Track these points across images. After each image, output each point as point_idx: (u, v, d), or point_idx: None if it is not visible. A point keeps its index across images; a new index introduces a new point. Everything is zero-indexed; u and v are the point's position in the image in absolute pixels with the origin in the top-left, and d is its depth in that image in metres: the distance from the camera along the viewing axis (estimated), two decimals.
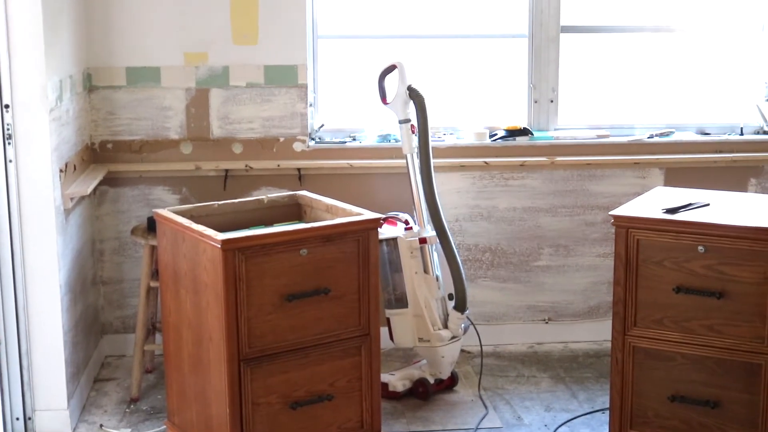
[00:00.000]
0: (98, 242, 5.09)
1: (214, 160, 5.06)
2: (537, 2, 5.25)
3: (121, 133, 5.02)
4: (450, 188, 5.16)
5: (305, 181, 5.06)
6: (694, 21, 5.44)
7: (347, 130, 5.26)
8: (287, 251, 3.65)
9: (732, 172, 5.30)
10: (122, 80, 4.98)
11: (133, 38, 4.95)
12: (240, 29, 4.99)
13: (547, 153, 5.22)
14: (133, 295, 5.08)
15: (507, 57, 5.40)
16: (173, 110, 5.03)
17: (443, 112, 5.22)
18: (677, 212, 3.84)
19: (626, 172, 5.28)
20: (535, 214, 5.28)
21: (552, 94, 5.33)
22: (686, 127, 5.45)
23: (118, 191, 5.07)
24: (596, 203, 5.27)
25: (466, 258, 5.24)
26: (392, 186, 5.04)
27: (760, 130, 5.44)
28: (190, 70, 5.00)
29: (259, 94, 5.05)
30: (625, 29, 5.44)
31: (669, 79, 5.50)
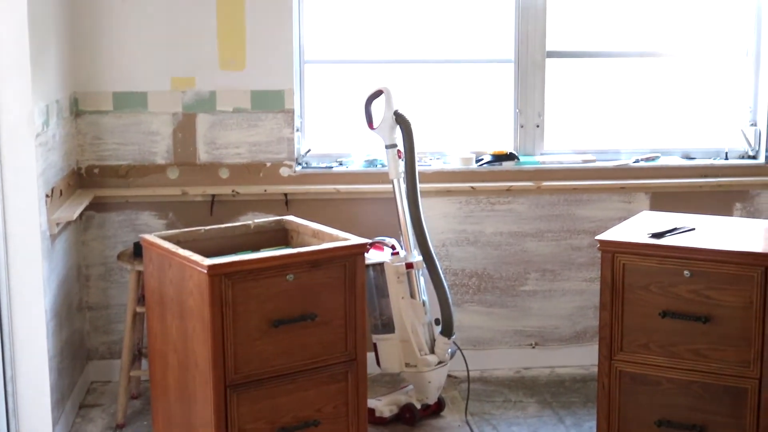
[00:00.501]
0: (84, 267, 5.07)
1: (201, 185, 5.06)
2: (522, 27, 5.28)
3: (107, 158, 5.02)
4: (436, 213, 5.17)
5: (292, 206, 5.05)
6: (678, 46, 5.47)
7: (334, 155, 5.27)
8: (274, 276, 3.64)
9: (717, 197, 5.32)
10: (109, 105, 4.98)
11: (120, 63, 4.96)
12: (227, 54, 5.00)
13: (533, 178, 5.24)
14: (119, 320, 5.07)
15: (493, 82, 5.42)
16: (160, 135, 5.03)
17: (430, 137, 5.23)
18: (663, 237, 3.85)
19: (612, 196, 5.30)
20: (522, 239, 5.29)
21: (538, 119, 5.35)
22: (671, 152, 5.47)
23: (105, 216, 5.06)
24: (582, 228, 5.28)
25: (453, 283, 5.24)
26: (379, 211, 5.04)
27: (745, 155, 5.46)
28: (177, 95, 5.01)
29: (246, 119, 5.06)
30: (611, 54, 5.47)
31: (654, 103, 5.53)
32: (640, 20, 5.46)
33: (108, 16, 4.92)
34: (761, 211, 5.35)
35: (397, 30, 5.33)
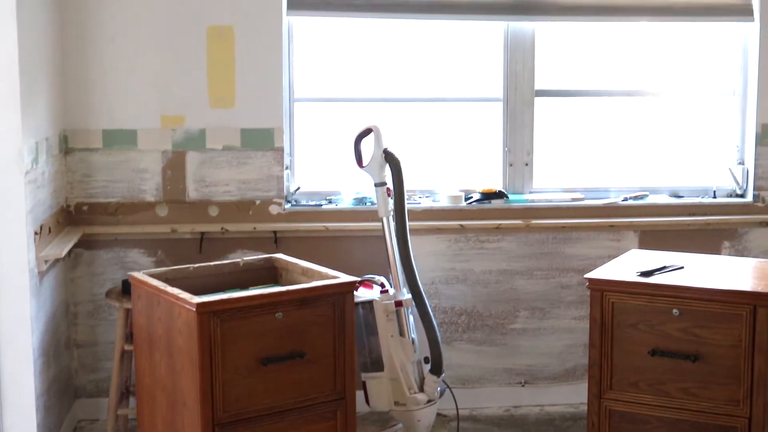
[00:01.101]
0: (72, 305, 5.06)
1: (190, 223, 5.05)
2: (511, 66, 5.31)
3: (96, 196, 5.02)
4: (426, 251, 5.17)
5: (281, 243, 5.05)
6: (666, 85, 5.51)
7: (323, 192, 5.28)
8: (263, 314, 3.64)
9: (706, 235, 5.34)
10: (99, 143, 4.99)
11: (110, 101, 4.97)
12: (217, 92, 5.01)
13: (522, 216, 5.25)
14: (107, 358, 5.04)
15: (482, 120, 5.44)
16: (149, 173, 5.03)
17: (419, 175, 5.24)
18: (652, 275, 3.86)
19: (601, 234, 5.31)
20: (511, 277, 5.29)
21: (527, 158, 5.37)
22: (660, 190, 5.49)
23: (93, 254, 5.05)
24: (571, 266, 5.29)
25: (442, 321, 5.23)
26: (368, 249, 5.04)
27: (733, 193, 5.49)
28: (166, 132, 5.02)
29: (236, 157, 5.06)
30: (599, 93, 5.50)
31: (642, 142, 5.55)
32: (628, 59, 5.50)
33: (98, 54, 4.93)
34: (749, 250, 5.36)
35: (387, 68, 5.35)
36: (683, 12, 5.31)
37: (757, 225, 5.39)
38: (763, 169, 5.39)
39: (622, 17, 5.30)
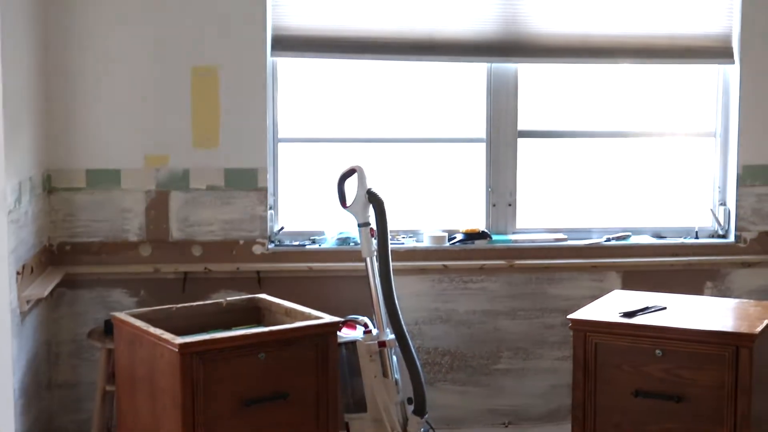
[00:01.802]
0: (54, 345, 5.02)
1: (173, 263, 5.04)
2: (494, 107, 5.34)
3: (79, 235, 5.01)
4: (409, 291, 5.17)
5: (264, 284, 5.04)
6: (648, 127, 5.54)
7: (307, 232, 5.28)
8: (245, 355, 3.63)
9: (688, 276, 5.36)
10: (82, 182, 4.98)
11: (93, 140, 4.97)
12: (201, 133, 5.02)
13: (505, 256, 5.26)
14: (89, 399, 5.00)
15: (466, 160, 5.46)
16: (133, 212, 5.03)
17: (403, 216, 5.25)
18: (634, 316, 3.86)
19: (584, 275, 5.32)
20: (494, 317, 5.29)
21: (510, 198, 5.39)
22: (642, 231, 5.51)
23: (76, 293, 5.03)
24: (555, 306, 5.29)
25: (426, 361, 5.22)
26: (351, 289, 5.04)
27: (715, 234, 5.51)
28: (150, 172, 5.02)
29: (219, 197, 5.07)
30: (582, 134, 5.53)
31: (625, 183, 5.58)
32: (610, 100, 5.54)
33: (82, 94, 4.94)
34: (732, 290, 5.38)
35: (370, 108, 5.37)
36: (664, 54, 5.35)
37: (739, 266, 5.41)
38: (745, 210, 5.42)
39: (604, 59, 5.34)
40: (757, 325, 3.71)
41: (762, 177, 5.41)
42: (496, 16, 5.22)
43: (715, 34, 5.37)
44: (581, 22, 5.27)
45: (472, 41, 5.21)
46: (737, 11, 5.34)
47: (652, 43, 5.33)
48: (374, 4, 5.13)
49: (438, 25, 5.17)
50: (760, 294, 5.32)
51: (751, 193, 5.42)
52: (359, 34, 5.13)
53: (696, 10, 5.34)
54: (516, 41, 5.25)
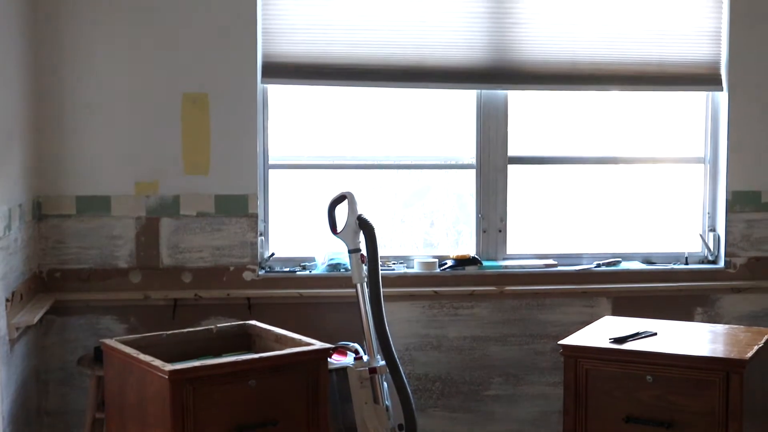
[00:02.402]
0: (44, 372, 5.00)
1: (163, 289, 5.03)
2: (485, 133, 5.35)
3: (69, 262, 5.00)
4: (400, 317, 5.16)
5: (255, 310, 5.04)
6: (638, 152, 5.56)
7: (297, 258, 5.28)
8: (236, 382, 3.61)
9: (678, 301, 5.37)
10: (72, 209, 4.98)
11: (84, 167, 4.97)
12: (191, 159, 5.03)
13: (496, 282, 5.26)
14: (79, 426, 4.98)
15: (457, 186, 5.47)
16: (123, 239, 5.02)
17: (393, 242, 5.26)
18: (625, 342, 3.87)
19: (574, 301, 5.32)
20: (485, 343, 5.29)
21: (500, 224, 5.40)
22: (632, 257, 5.52)
23: (66, 320, 5.01)
24: (545, 332, 5.29)
25: (417, 387, 5.21)
26: (342, 315, 5.03)
27: (705, 260, 5.53)
28: (140, 199, 5.01)
29: (210, 224, 5.06)
30: (572, 160, 5.55)
31: (615, 208, 5.60)
32: (601, 127, 5.56)
33: (72, 121, 4.94)
34: (722, 316, 5.39)
35: (361, 134, 5.39)
36: (653, 81, 5.38)
37: (729, 291, 5.42)
38: (734, 235, 5.44)
39: (593, 86, 5.36)
40: (748, 351, 3.72)
41: (751, 203, 5.43)
42: (486, 42, 5.24)
43: (704, 61, 5.40)
44: (570, 49, 5.30)
45: (462, 68, 5.23)
46: (725, 38, 5.37)
47: (641, 70, 5.36)
48: (364, 32, 5.15)
49: (428, 51, 5.19)
50: (750, 319, 5.34)
51: (741, 218, 5.44)
52: (349, 61, 5.14)
53: (684, 38, 5.37)
54: (505, 68, 5.27)
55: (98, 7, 4.94)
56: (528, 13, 5.25)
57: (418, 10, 5.17)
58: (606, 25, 5.30)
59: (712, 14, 5.38)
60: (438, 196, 5.48)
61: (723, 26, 5.38)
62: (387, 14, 5.16)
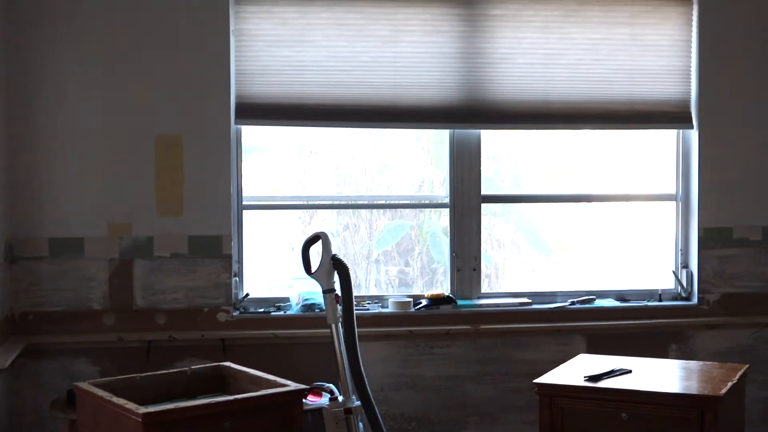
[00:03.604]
0: (17, 416, 4.96)
1: (137, 331, 5.01)
2: (458, 172, 5.37)
3: (42, 305, 4.97)
4: (375, 357, 5.15)
5: (229, 351, 5.01)
6: (611, 190, 5.60)
7: (272, 299, 5.27)
8: (211, 424, 3.59)
9: (653, 338, 5.38)
10: (45, 251, 4.96)
11: (57, 209, 4.96)
12: (165, 200, 5.02)
13: (470, 321, 5.26)
14: None
15: (431, 225, 5.49)
16: (96, 281, 5.00)
17: (368, 281, 5.26)
18: (600, 380, 3.87)
19: (549, 339, 5.33)
20: (461, 382, 5.28)
21: (474, 263, 5.40)
22: (606, 294, 5.54)
23: (38, 364, 4.97)
24: (521, 371, 5.29)
25: (392, 428, 5.19)
26: (317, 356, 5.02)
27: (678, 296, 5.55)
28: (114, 240, 5.00)
29: (184, 265, 5.05)
30: (545, 198, 5.58)
31: (588, 246, 5.62)
32: (575, 165, 5.59)
33: (46, 163, 4.94)
34: (696, 352, 5.40)
35: (335, 173, 5.40)
36: (624, 119, 5.42)
37: (702, 327, 5.44)
38: (707, 272, 5.47)
39: (565, 125, 5.39)
40: (722, 388, 3.73)
41: (723, 239, 5.47)
42: (459, 82, 5.27)
43: (674, 99, 5.45)
44: (542, 88, 5.33)
45: (436, 107, 5.26)
46: (694, 76, 5.43)
47: (612, 109, 5.40)
48: (337, 72, 5.16)
49: (401, 91, 5.22)
50: (724, 356, 5.35)
51: (713, 255, 5.47)
52: (323, 101, 5.16)
53: (654, 76, 5.42)
54: (478, 107, 5.30)
55: (72, 50, 4.95)
56: (500, 53, 5.29)
57: (391, 51, 5.20)
58: (577, 64, 5.34)
59: (681, 53, 5.44)
60: (412, 234, 5.49)
61: (692, 65, 5.44)
62: (360, 55, 5.18)
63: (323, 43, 5.14)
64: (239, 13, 5.10)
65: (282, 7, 5.12)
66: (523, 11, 5.30)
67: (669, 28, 5.42)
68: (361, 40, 5.17)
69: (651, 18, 5.41)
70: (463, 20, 5.27)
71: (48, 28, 4.94)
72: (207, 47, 5.04)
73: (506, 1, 5.28)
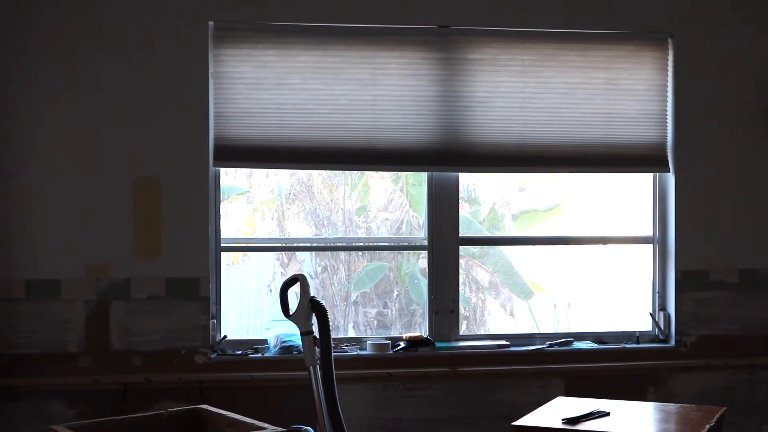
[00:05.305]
0: None
1: (114, 374, 4.98)
2: (436, 214, 5.38)
3: (18, 347, 4.93)
4: (353, 400, 5.13)
5: (207, 394, 4.98)
6: (587, 233, 5.63)
7: (249, 341, 5.25)
8: None
9: (631, 381, 5.38)
10: (21, 293, 4.93)
11: (33, 251, 4.94)
12: (143, 242, 5.01)
13: (448, 363, 5.25)
14: None
15: (409, 267, 5.50)
16: (72, 323, 4.97)
17: (346, 323, 5.25)
18: (578, 422, 3.87)
19: (528, 381, 5.32)
20: (439, 425, 5.26)
21: (452, 305, 5.40)
22: (584, 336, 5.55)
23: (13, 407, 4.93)
24: (499, 413, 5.27)
25: None
26: (295, 398, 4.99)
27: (656, 339, 5.56)
28: (91, 282, 4.98)
29: (161, 307, 5.03)
30: (522, 241, 5.60)
31: (566, 289, 5.64)
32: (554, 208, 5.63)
33: (22, 204, 4.92)
34: (674, 394, 5.41)
35: (312, 214, 5.41)
36: (601, 163, 5.45)
37: (680, 370, 5.45)
38: (684, 314, 5.48)
39: (542, 168, 5.43)
40: (700, 431, 3.73)
41: (700, 282, 5.49)
42: (436, 125, 5.30)
43: (650, 143, 5.49)
44: (519, 132, 5.35)
45: (413, 150, 5.27)
46: (670, 120, 5.47)
47: (589, 152, 5.43)
48: (315, 115, 5.18)
49: (379, 134, 5.24)
50: (702, 398, 5.36)
51: (690, 297, 5.49)
52: (301, 144, 5.17)
53: (630, 120, 5.46)
54: (456, 150, 5.32)
55: (49, 93, 4.95)
56: (478, 96, 5.32)
57: (369, 94, 5.23)
58: (554, 107, 5.38)
59: (657, 97, 5.48)
60: (391, 276, 5.49)
61: (668, 109, 5.48)
62: (339, 98, 5.21)
63: (302, 86, 5.17)
64: (218, 56, 5.12)
65: (261, 51, 5.14)
66: (501, 55, 5.34)
67: (645, 73, 5.47)
68: (339, 83, 5.19)
69: (627, 63, 5.46)
70: (442, 64, 5.31)
71: (24, 72, 4.94)
72: (186, 90, 5.05)
73: (484, 46, 5.33)
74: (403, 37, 5.26)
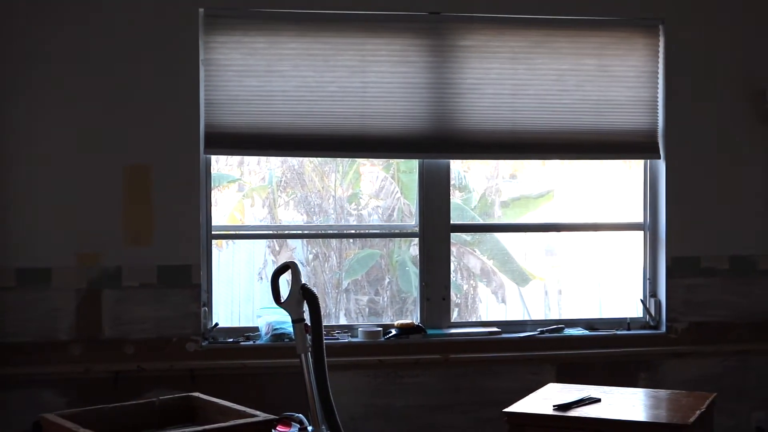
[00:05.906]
0: None
1: (105, 362, 4.97)
2: (427, 202, 5.38)
3: (9, 336, 4.92)
4: (345, 387, 5.13)
5: (198, 381, 4.98)
6: (578, 219, 5.63)
7: (241, 329, 5.25)
8: None
9: (622, 367, 5.40)
10: (12, 281, 4.92)
11: (23, 239, 4.93)
12: (134, 230, 5.00)
13: (440, 350, 5.26)
14: None
15: (401, 254, 5.50)
16: (63, 311, 4.96)
17: (337, 310, 5.25)
18: (569, 409, 3.88)
19: (519, 368, 5.33)
20: (431, 412, 5.27)
21: (444, 292, 5.41)
22: (575, 323, 5.55)
23: (4, 395, 4.92)
24: (491, 399, 5.28)
25: None
26: (286, 386, 5.00)
27: (646, 325, 5.57)
28: (81, 270, 4.97)
29: (152, 295, 5.02)
30: (513, 227, 5.60)
31: (558, 275, 5.64)
32: (544, 197, 5.63)
33: (12, 192, 4.91)
34: (664, 381, 5.42)
35: (304, 202, 5.40)
36: (592, 149, 5.45)
37: (671, 356, 5.47)
38: (675, 300, 5.49)
39: (533, 155, 5.43)
40: (690, 416, 3.75)
41: (690, 268, 5.50)
42: (427, 112, 5.29)
43: (641, 129, 5.49)
44: (510, 119, 5.35)
45: (404, 137, 5.27)
46: (661, 107, 5.48)
47: (580, 139, 5.43)
48: (306, 102, 5.17)
49: (370, 121, 5.23)
50: (692, 384, 5.37)
51: (681, 284, 5.50)
52: (292, 131, 5.16)
53: (621, 107, 5.46)
54: (447, 137, 5.31)
55: (39, 80, 4.94)
56: (468, 83, 5.32)
57: (359, 81, 5.22)
58: (545, 94, 5.38)
59: (647, 84, 5.48)
60: (382, 263, 5.49)
61: (659, 95, 5.48)
62: (328, 85, 5.20)
63: (292, 73, 5.16)
64: (209, 43, 5.10)
65: (251, 38, 5.13)
66: (491, 42, 5.33)
67: (636, 60, 5.47)
68: (329, 70, 5.18)
69: (618, 49, 5.46)
70: (432, 50, 5.30)
71: (16, 63, 4.92)
72: (176, 77, 5.04)
73: (474, 32, 5.32)
74: (393, 23, 5.25)
